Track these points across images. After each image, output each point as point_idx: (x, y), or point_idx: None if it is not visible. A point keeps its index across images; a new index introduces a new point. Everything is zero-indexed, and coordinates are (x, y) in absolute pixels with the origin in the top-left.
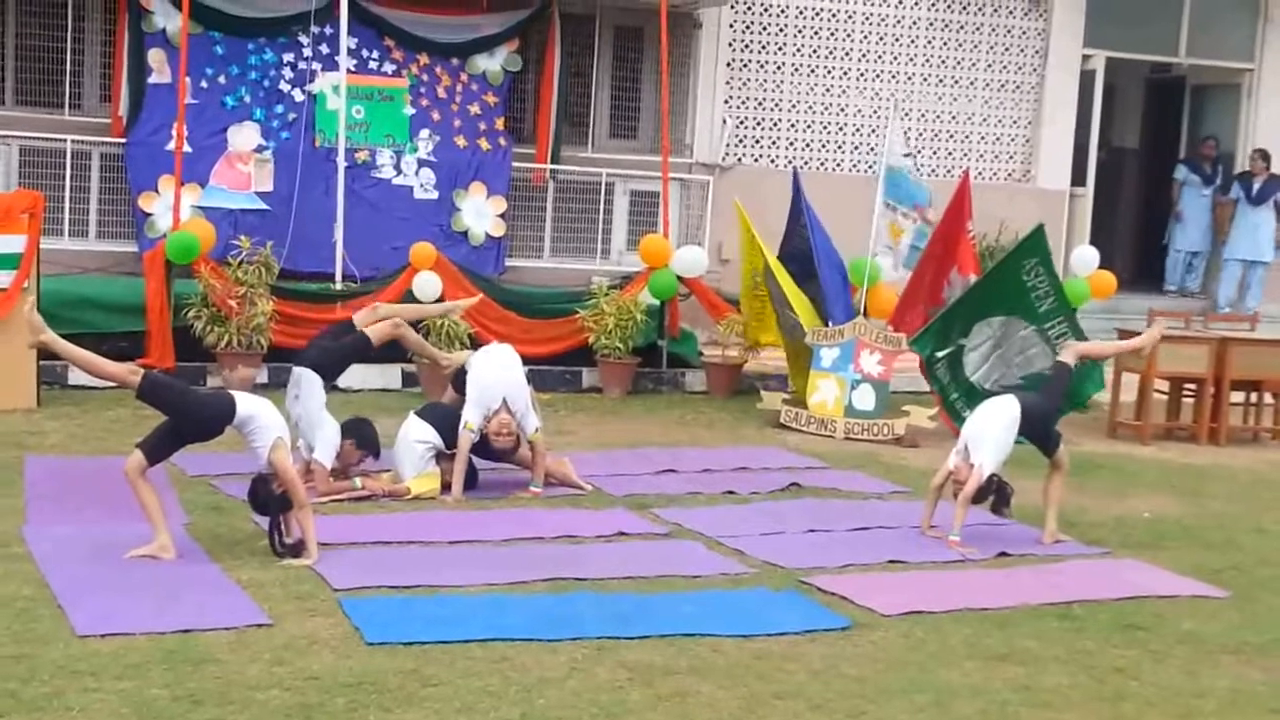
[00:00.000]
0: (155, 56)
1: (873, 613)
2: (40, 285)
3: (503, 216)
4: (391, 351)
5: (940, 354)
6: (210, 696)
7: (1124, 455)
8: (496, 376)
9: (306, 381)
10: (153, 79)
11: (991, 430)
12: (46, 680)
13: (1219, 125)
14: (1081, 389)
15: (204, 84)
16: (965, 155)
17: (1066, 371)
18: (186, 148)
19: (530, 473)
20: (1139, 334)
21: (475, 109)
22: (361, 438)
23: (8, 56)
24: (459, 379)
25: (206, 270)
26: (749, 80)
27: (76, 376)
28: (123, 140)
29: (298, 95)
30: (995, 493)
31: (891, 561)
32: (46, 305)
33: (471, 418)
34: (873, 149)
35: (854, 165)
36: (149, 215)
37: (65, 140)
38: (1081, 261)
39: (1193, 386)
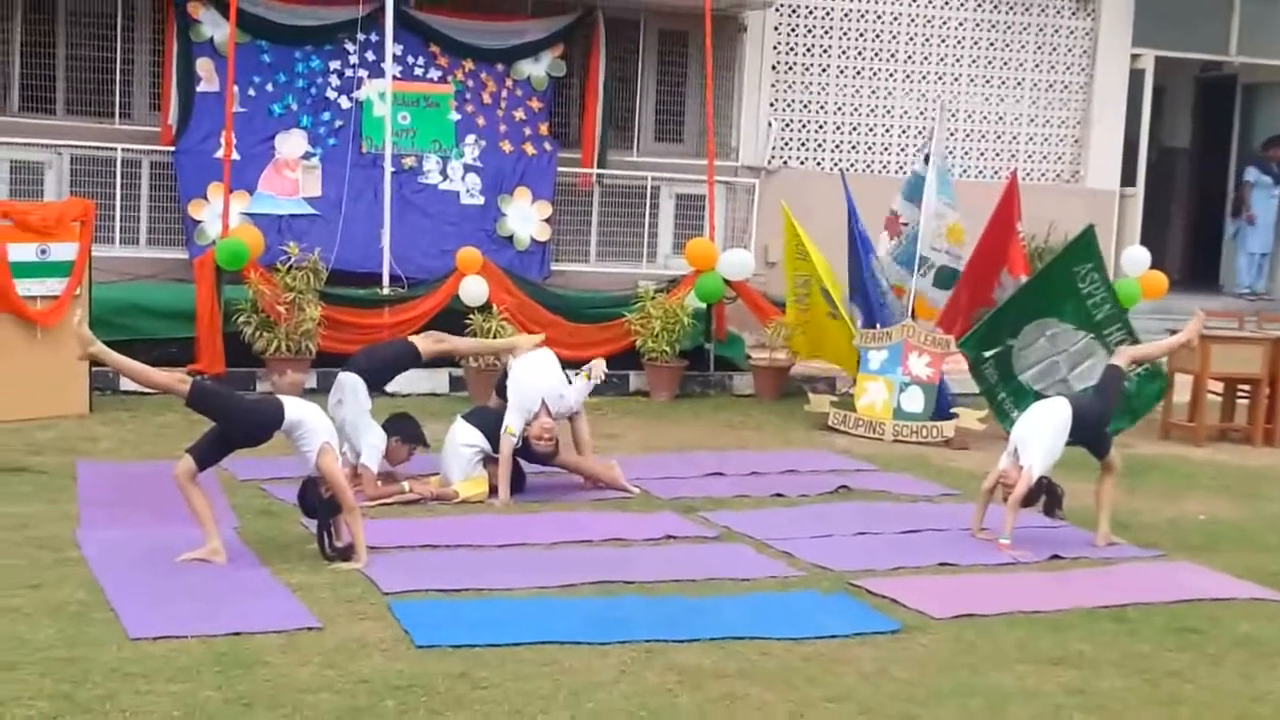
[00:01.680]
0: (203, 65)
1: (924, 615)
2: (92, 292)
3: (548, 221)
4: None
5: (988, 354)
6: (261, 699)
7: (1178, 457)
8: (535, 380)
9: (350, 388)
10: (201, 88)
11: (1042, 432)
12: (99, 683)
13: (1271, 124)
14: (1145, 393)
15: (252, 92)
16: (1013, 156)
17: (1119, 374)
18: (235, 155)
19: (578, 477)
20: None
21: (520, 114)
22: (405, 433)
23: (59, 67)
24: (501, 384)
25: (256, 276)
26: (794, 83)
27: (128, 382)
28: (172, 148)
29: (344, 102)
30: (1046, 494)
31: (942, 564)
32: (98, 312)
33: (512, 422)
34: (919, 150)
35: (900, 167)
36: (198, 222)
37: (116, 149)
38: (1132, 262)
39: (1247, 387)
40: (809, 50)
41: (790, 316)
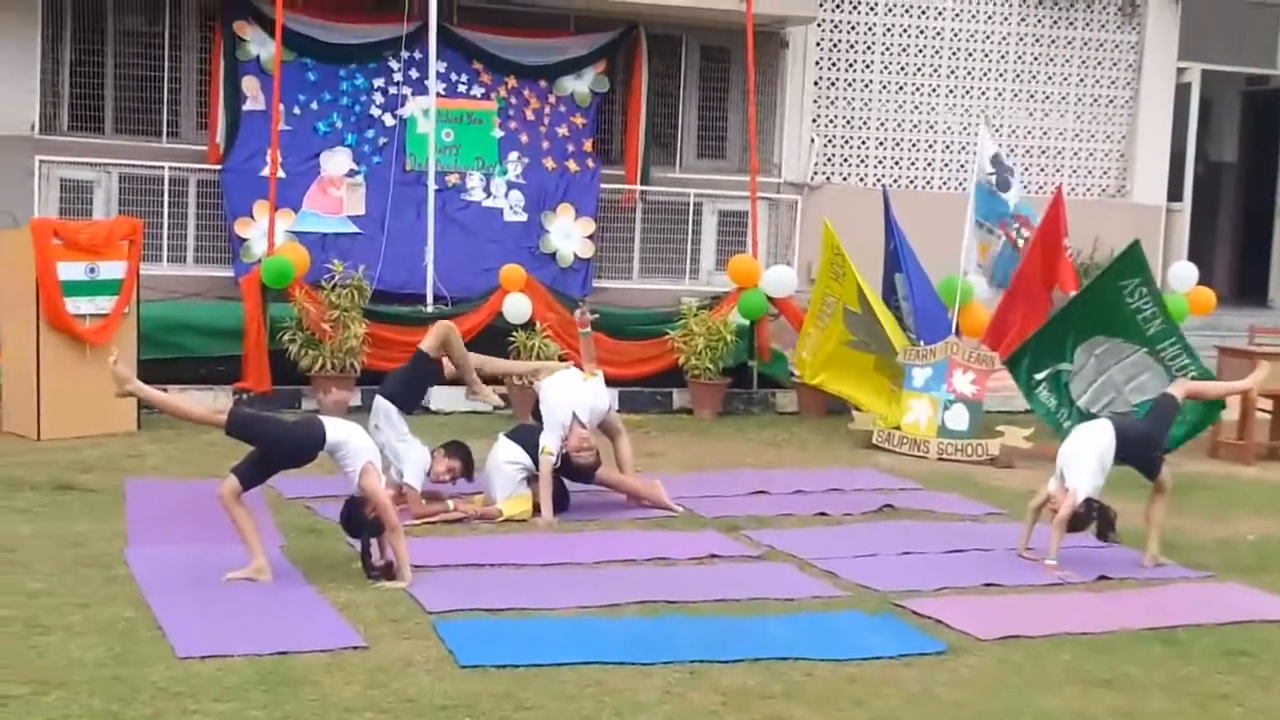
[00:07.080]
0: (249, 84)
1: (969, 636)
2: (140, 310)
3: (591, 238)
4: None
5: (1039, 376)
6: (307, 718)
7: (1227, 476)
8: (562, 395)
9: (384, 412)
10: (247, 106)
11: (1082, 455)
12: (147, 701)
13: None
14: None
15: (297, 110)
16: (1058, 171)
17: (1172, 403)
18: (280, 173)
19: (624, 496)
20: (1239, 351)
21: (563, 130)
22: (448, 446)
23: (107, 86)
24: (535, 408)
25: (301, 294)
26: (836, 98)
27: None
28: (219, 167)
29: (388, 120)
30: (1098, 517)
31: (988, 584)
32: (146, 329)
33: (549, 442)
34: (963, 166)
35: (944, 183)
36: (244, 240)
37: (163, 167)
38: (1179, 277)
39: None
40: (851, 66)
41: (804, 334)
